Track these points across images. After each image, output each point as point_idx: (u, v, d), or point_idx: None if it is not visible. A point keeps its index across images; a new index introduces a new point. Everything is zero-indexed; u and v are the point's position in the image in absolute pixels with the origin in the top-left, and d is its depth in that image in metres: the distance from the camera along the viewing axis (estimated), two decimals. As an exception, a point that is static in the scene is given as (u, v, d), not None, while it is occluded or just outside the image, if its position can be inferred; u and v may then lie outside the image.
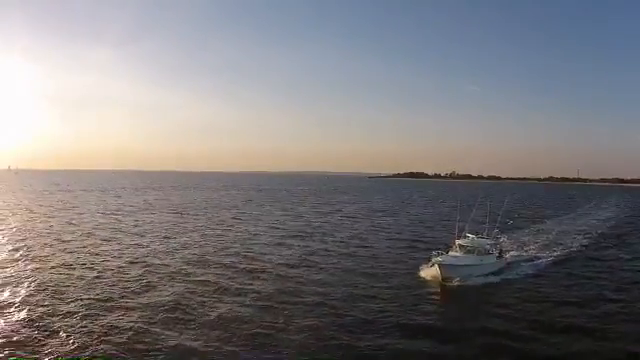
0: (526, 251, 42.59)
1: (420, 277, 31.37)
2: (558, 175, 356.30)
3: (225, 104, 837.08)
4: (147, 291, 26.15)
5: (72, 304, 23.27)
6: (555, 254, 41.76)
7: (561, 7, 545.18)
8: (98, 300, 24.14)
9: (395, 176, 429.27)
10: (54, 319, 21.01)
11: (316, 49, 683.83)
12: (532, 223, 63.54)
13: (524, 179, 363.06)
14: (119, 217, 64.85)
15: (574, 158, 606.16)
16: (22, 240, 42.66)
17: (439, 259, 30.84)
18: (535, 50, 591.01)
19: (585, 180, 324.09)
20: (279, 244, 44.04)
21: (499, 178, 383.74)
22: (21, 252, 36.86)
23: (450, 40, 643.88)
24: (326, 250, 41.22)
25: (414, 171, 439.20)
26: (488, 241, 35.95)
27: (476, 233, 36.86)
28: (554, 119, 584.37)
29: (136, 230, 51.54)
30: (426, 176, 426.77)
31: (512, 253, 40.04)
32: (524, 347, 19.71)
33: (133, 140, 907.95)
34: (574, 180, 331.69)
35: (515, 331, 21.66)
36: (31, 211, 70.75)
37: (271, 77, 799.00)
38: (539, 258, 39.65)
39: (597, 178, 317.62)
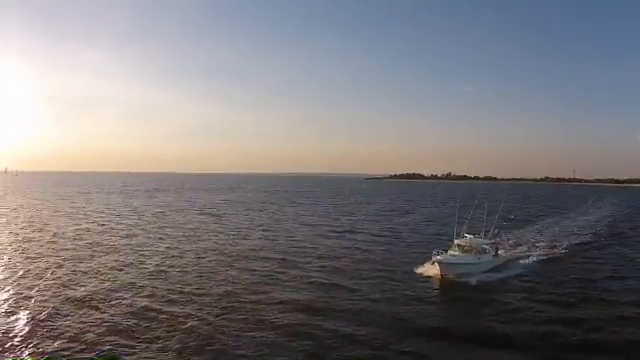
0: (522, 250, 44.98)
1: (422, 274, 34.50)
2: (554, 175, 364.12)
3: (220, 105, 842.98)
4: (274, 280, 32.46)
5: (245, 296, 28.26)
6: (551, 252, 44.33)
7: (558, 7, 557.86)
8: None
9: (392, 177, 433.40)
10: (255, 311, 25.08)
11: (311, 50, 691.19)
12: (529, 223, 67.56)
13: (520, 179, 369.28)
14: (170, 217, 72.69)
15: (570, 159, 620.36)
16: (115, 244, 45.78)
17: (439, 258, 33.79)
18: (531, 50, 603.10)
19: (581, 180, 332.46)
20: (328, 237, 52.72)
21: (495, 179, 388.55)
22: (131, 256, 40.03)
23: (445, 40, 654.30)
24: (371, 242, 49.36)
25: (410, 172, 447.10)
26: (485, 241, 38.71)
27: (473, 233, 39.55)
28: (550, 120, 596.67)
29: (209, 228, 59.29)
30: (422, 177, 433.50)
31: (509, 252, 42.86)
32: (517, 338, 22.20)
33: (129, 142, 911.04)
34: (570, 180, 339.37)
35: (509, 323, 24.32)
36: (82, 214, 76.09)
37: (267, 78, 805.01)
38: (535, 256, 41.94)
39: (592, 178, 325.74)
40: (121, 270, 34.66)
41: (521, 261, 39.85)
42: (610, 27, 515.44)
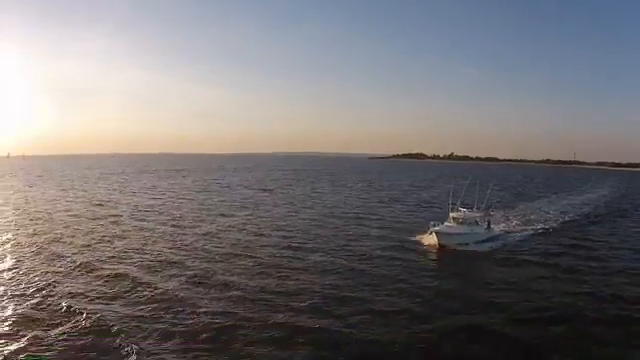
0: (514, 224, 48.54)
1: (420, 243, 38.44)
2: (555, 158, 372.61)
3: (221, 87, 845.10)
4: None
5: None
6: (541, 227, 47.33)
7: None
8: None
9: (394, 157, 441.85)
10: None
11: (312, 31, 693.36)
12: (526, 200, 72.87)
13: (521, 161, 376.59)
14: (228, 193, 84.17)
15: (571, 141, 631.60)
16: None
17: (436, 228, 37.27)
18: (532, 34, 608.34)
19: (582, 163, 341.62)
20: (381, 206, 65.96)
21: (497, 159, 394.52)
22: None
23: (447, 23, 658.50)
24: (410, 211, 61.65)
25: (413, 152, 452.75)
26: (478, 214, 42.20)
27: (468, 207, 43.37)
28: (551, 103, 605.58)
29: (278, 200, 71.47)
30: (425, 157, 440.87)
31: (501, 225, 46.53)
32: (501, 301, 24.82)
33: (130, 124, 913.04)
34: (571, 163, 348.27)
35: (496, 286, 27.39)
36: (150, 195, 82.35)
37: (267, 59, 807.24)
38: (525, 230, 45.26)
39: (593, 161, 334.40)
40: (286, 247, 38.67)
41: (512, 234, 43.37)
42: (609, 11, 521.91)
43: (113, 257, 33.98)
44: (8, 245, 37.78)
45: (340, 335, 20.56)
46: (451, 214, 41.11)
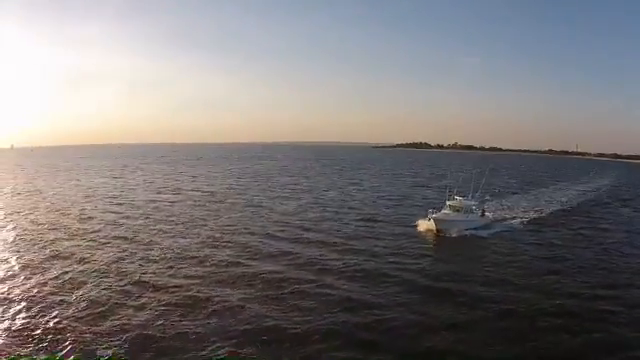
0: (512, 212, 50.61)
1: (419, 229, 40.87)
2: (558, 148, 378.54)
3: (227, 76, 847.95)
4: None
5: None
6: (536, 215, 49.43)
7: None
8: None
9: (398, 146, 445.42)
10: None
11: (317, 18, 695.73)
12: (526, 189, 76.05)
13: (525, 151, 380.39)
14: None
15: (573, 133, 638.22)
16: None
17: (434, 215, 40.01)
18: (539, 27, 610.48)
19: (584, 154, 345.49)
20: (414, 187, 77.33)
21: (500, 149, 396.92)
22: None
23: (452, 11, 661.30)
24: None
25: (417, 142, 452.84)
26: (473, 202, 44.40)
27: (463, 196, 45.34)
28: (555, 94, 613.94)
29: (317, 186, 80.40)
30: (429, 146, 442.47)
31: (498, 213, 48.82)
32: (492, 280, 26.83)
33: (133, 114, 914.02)
34: (573, 154, 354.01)
35: (488, 268, 29.38)
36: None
37: (271, 47, 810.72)
38: (519, 218, 47.38)
39: (595, 152, 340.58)
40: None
41: (506, 222, 45.78)
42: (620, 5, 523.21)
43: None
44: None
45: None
46: (448, 202, 43.74)
